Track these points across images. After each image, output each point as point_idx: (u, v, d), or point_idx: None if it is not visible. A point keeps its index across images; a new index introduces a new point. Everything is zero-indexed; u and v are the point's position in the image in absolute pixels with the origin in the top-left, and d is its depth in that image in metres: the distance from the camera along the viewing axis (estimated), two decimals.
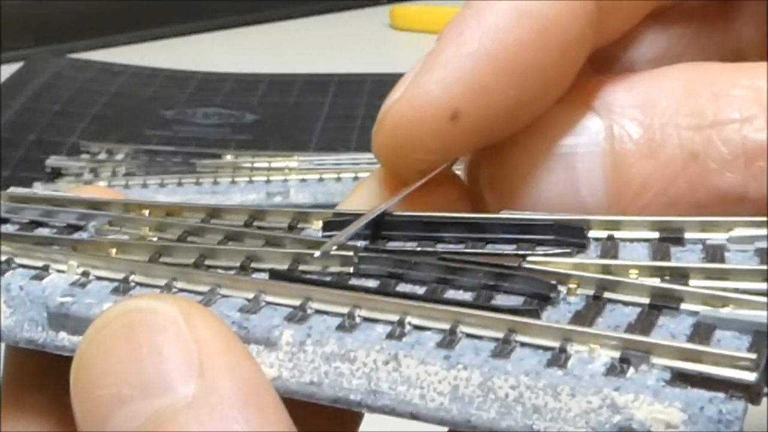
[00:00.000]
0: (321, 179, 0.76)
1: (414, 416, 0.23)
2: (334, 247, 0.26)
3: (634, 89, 0.27)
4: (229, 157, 0.79)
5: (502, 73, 0.27)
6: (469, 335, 0.23)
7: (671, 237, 0.26)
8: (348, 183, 0.75)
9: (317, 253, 0.26)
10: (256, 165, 0.78)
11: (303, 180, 0.76)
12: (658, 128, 0.26)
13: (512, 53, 0.27)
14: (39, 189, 0.72)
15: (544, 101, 0.28)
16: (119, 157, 0.80)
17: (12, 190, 0.32)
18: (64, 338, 0.26)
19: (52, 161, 0.78)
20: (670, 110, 0.26)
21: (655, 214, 0.26)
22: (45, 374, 0.28)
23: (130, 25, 1.13)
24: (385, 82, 1.07)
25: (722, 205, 0.26)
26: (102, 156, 0.81)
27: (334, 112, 0.93)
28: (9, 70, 1.01)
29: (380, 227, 0.28)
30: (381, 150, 0.28)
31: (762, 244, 0.25)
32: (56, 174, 0.77)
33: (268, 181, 0.76)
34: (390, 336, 0.24)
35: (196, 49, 1.13)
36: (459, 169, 0.31)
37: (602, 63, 0.30)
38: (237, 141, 0.87)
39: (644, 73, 0.28)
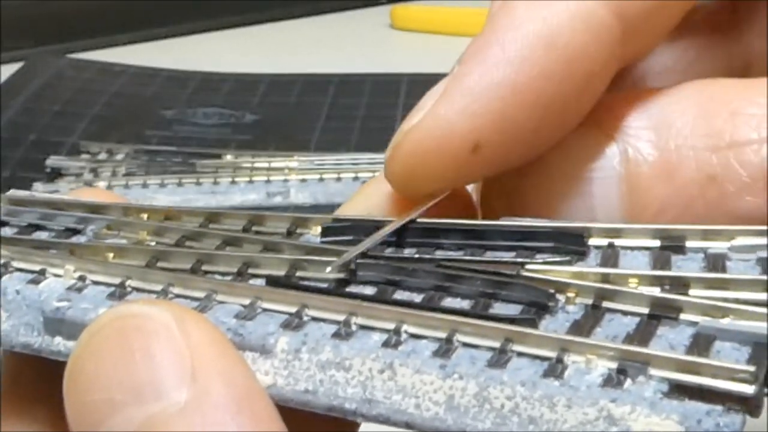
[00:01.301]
0: (321, 179, 0.76)
1: (409, 426, 0.23)
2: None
3: (648, 110, 0.27)
4: (229, 157, 0.79)
5: (526, 104, 0.26)
6: (465, 344, 0.23)
7: (672, 245, 0.26)
8: (348, 183, 0.75)
9: (328, 269, 0.26)
10: (256, 165, 0.78)
11: (303, 180, 0.76)
12: (673, 150, 0.26)
13: (537, 85, 0.26)
14: (39, 189, 0.73)
15: (564, 129, 0.27)
16: (119, 157, 0.80)
17: (12, 192, 0.32)
18: (59, 343, 0.26)
19: (52, 161, 0.78)
20: (685, 131, 0.26)
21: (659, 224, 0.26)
22: (42, 378, 0.28)
23: (130, 25, 1.13)
24: (385, 82, 1.08)
25: None
26: (102, 156, 0.80)
27: (334, 112, 0.93)
28: (9, 70, 1.01)
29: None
30: (395, 176, 0.28)
31: (764, 254, 0.25)
32: (56, 174, 0.77)
33: (268, 181, 0.76)
34: (386, 344, 0.24)
35: (196, 49, 1.12)
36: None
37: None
38: (237, 141, 0.87)
39: (657, 92, 0.27)
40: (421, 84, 0.95)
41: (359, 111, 0.93)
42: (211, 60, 1.06)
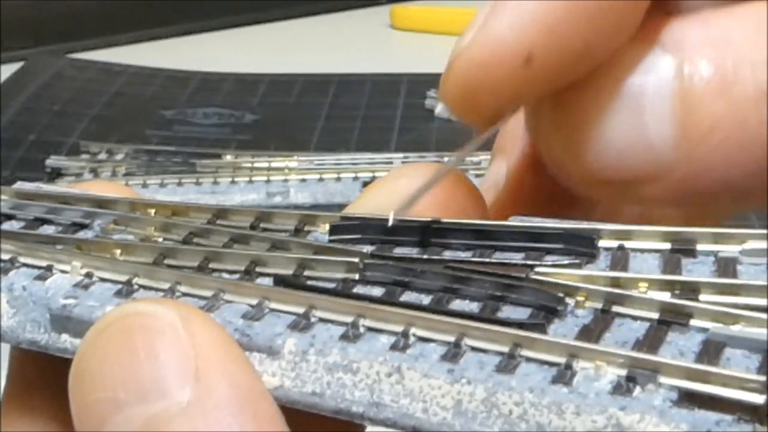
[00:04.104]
0: (321, 179, 0.76)
1: (416, 430, 0.23)
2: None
3: (706, 26, 0.26)
4: (229, 157, 0.79)
5: (576, 13, 0.25)
6: (474, 348, 0.23)
7: (683, 248, 0.25)
8: (348, 183, 0.76)
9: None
10: (256, 165, 0.78)
11: (303, 180, 0.76)
12: (730, 66, 0.25)
13: None
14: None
15: (616, 41, 0.26)
16: (119, 157, 0.80)
17: (19, 185, 0.32)
18: (66, 341, 0.26)
19: (52, 161, 0.78)
20: (744, 47, 0.25)
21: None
22: (48, 374, 0.28)
23: (130, 25, 1.13)
24: (385, 82, 1.08)
25: None
26: (102, 156, 0.81)
27: (334, 112, 0.93)
28: (9, 70, 1.01)
29: (387, 232, 0.28)
30: (450, 96, 0.27)
31: None
32: (56, 174, 0.78)
33: (268, 181, 0.76)
34: (394, 347, 0.23)
35: (196, 49, 1.12)
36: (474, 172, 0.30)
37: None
38: (237, 141, 0.87)
39: (716, 11, 0.26)
40: (421, 84, 0.96)
41: (359, 111, 0.93)
42: (211, 60, 1.06)
